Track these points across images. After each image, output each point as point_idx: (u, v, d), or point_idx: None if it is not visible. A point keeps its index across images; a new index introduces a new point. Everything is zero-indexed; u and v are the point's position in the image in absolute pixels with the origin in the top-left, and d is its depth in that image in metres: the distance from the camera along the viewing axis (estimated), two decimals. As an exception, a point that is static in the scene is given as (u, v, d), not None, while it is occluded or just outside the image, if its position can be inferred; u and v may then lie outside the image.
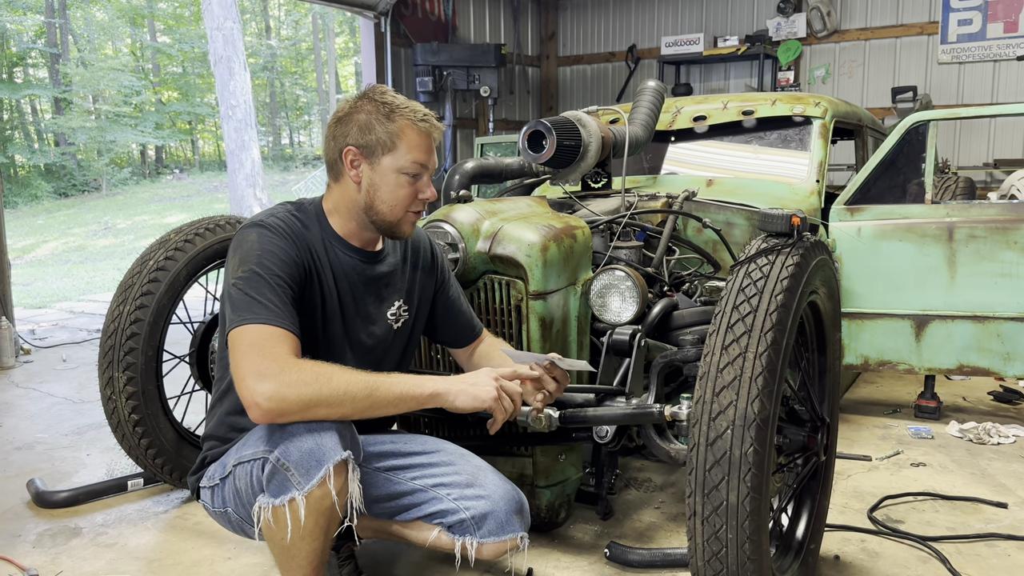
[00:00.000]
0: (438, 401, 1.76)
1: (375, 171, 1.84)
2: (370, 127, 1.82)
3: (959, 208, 3.35)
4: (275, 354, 1.63)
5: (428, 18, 7.91)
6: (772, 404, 1.64)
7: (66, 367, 5.00)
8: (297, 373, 1.62)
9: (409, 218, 1.89)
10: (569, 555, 2.42)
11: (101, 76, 22.86)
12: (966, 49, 7.29)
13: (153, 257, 2.71)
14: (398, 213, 1.87)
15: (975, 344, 3.32)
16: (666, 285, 2.64)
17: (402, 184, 1.84)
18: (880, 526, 2.61)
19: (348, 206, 1.89)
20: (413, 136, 1.82)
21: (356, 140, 1.83)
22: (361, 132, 1.82)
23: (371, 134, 1.82)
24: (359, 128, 1.82)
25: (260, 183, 14.96)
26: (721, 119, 3.78)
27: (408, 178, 1.84)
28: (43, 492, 2.86)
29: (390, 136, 1.81)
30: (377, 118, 1.82)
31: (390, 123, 1.81)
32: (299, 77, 30.08)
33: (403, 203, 1.86)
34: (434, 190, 1.89)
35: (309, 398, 1.61)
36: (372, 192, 1.85)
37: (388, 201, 1.85)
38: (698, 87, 8.73)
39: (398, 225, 1.89)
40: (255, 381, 1.60)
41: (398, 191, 1.84)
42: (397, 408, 1.73)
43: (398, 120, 1.82)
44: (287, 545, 1.69)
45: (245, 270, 1.73)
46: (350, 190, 1.87)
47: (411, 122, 1.82)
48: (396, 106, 1.83)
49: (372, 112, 1.82)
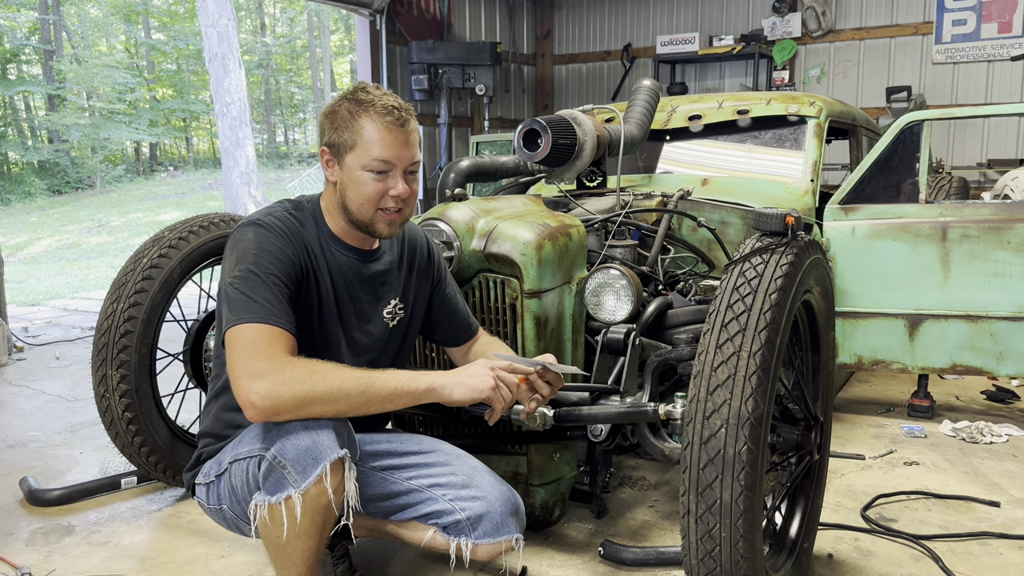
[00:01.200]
0: (434, 396, 1.76)
1: (343, 170, 1.83)
2: (337, 126, 1.81)
3: (953, 208, 3.37)
4: (269, 353, 1.63)
5: (424, 16, 7.90)
6: (766, 403, 1.64)
7: (59, 365, 4.98)
8: (291, 371, 1.62)
9: (381, 216, 1.84)
10: (563, 553, 2.43)
11: (95, 73, 22.79)
12: (960, 49, 7.31)
13: (147, 255, 2.70)
14: (367, 212, 1.83)
15: (968, 343, 3.33)
16: (661, 284, 2.64)
17: (366, 182, 1.80)
18: (873, 525, 2.61)
19: (335, 205, 1.89)
20: (375, 132, 1.78)
21: (328, 139, 1.83)
22: (332, 131, 1.82)
23: (337, 133, 1.81)
24: (331, 127, 1.82)
25: (255, 181, 14.92)
26: (716, 118, 3.78)
27: (372, 175, 1.80)
28: (36, 490, 2.85)
29: (351, 134, 1.80)
30: (343, 116, 1.81)
31: (353, 121, 1.79)
32: (294, 75, 30.03)
33: (370, 201, 1.82)
34: (406, 186, 1.83)
35: (303, 396, 1.62)
36: (343, 191, 1.84)
37: (355, 200, 1.83)
38: (693, 86, 8.74)
39: (371, 224, 1.85)
40: (249, 380, 1.60)
41: (363, 188, 1.81)
42: (393, 404, 1.72)
43: (361, 117, 1.79)
44: (283, 543, 1.69)
45: (241, 269, 1.73)
46: (331, 189, 1.89)
47: (373, 118, 1.78)
48: (363, 102, 1.80)
49: (342, 111, 1.81)
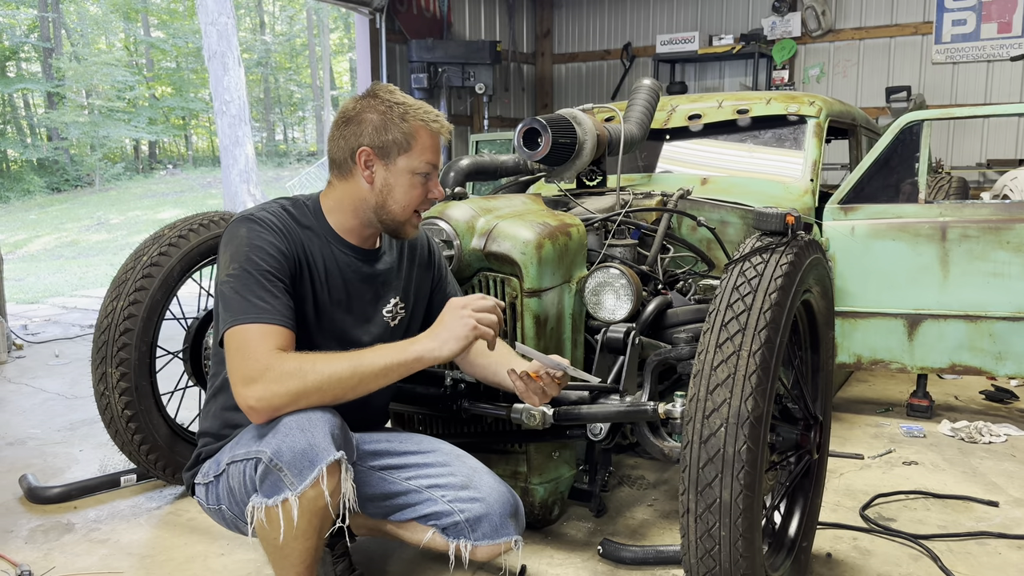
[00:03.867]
0: (426, 361, 1.76)
1: (390, 171, 1.86)
2: (385, 128, 1.83)
3: (952, 208, 3.37)
4: (258, 354, 1.64)
5: (423, 14, 7.89)
6: (765, 402, 1.64)
7: (59, 363, 4.98)
8: (280, 367, 1.64)
9: (414, 219, 1.92)
10: (562, 552, 2.43)
11: (94, 71, 22.76)
12: (960, 49, 7.31)
13: (147, 253, 2.70)
14: (407, 212, 1.90)
15: (967, 343, 3.34)
16: (660, 283, 2.64)
17: (415, 184, 1.87)
18: (872, 524, 2.62)
19: (354, 204, 1.89)
20: (426, 137, 1.86)
21: (371, 141, 1.84)
22: (376, 133, 1.84)
23: (386, 135, 1.84)
24: (374, 129, 1.84)
25: (254, 179, 14.93)
26: (716, 118, 3.78)
27: (421, 178, 1.87)
28: (35, 488, 2.85)
29: (405, 137, 1.84)
30: (391, 119, 1.84)
31: (404, 124, 1.84)
32: (293, 73, 30.00)
33: (414, 203, 1.89)
34: (441, 189, 1.93)
35: (297, 389, 1.64)
36: (386, 192, 1.87)
37: (401, 201, 1.87)
38: (693, 86, 8.74)
39: (404, 225, 1.91)
40: (245, 387, 1.63)
41: (411, 192, 1.87)
42: (387, 378, 1.73)
43: (412, 121, 1.84)
44: (280, 544, 1.69)
45: (235, 267, 1.74)
46: (360, 190, 1.88)
47: (424, 123, 1.86)
48: (409, 106, 1.86)
49: (385, 112, 1.84)
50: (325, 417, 1.70)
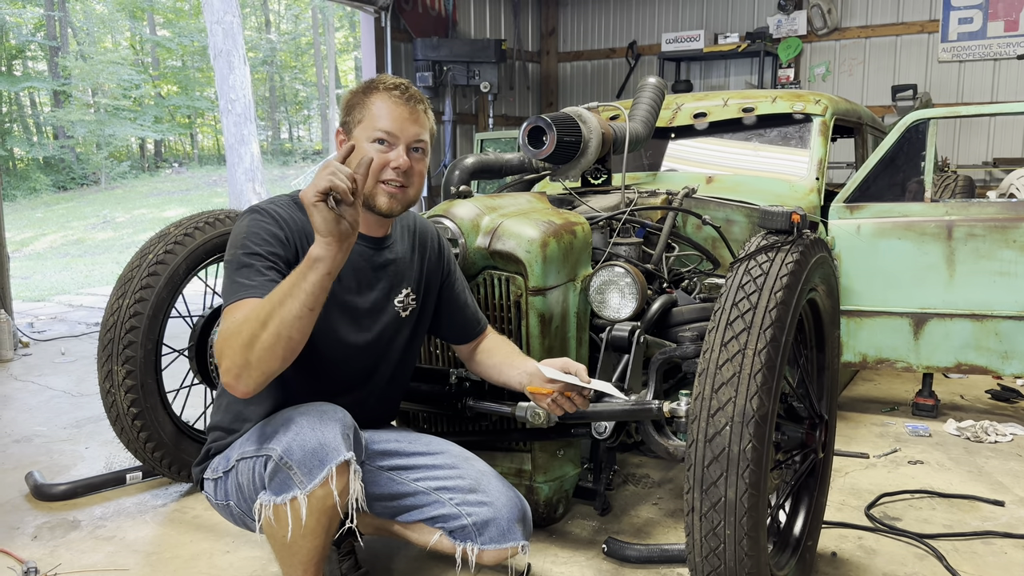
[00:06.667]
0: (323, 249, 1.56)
1: (355, 145, 1.84)
2: (350, 105, 1.88)
3: (958, 206, 3.36)
4: (221, 330, 1.64)
5: (428, 13, 7.89)
6: (771, 401, 1.64)
7: (65, 360, 5.00)
8: (224, 334, 1.61)
9: (382, 189, 1.85)
10: (567, 551, 2.43)
11: (100, 69, 22.79)
12: (966, 47, 7.29)
13: (152, 251, 2.71)
14: (369, 184, 1.83)
15: (973, 342, 3.33)
16: (665, 282, 2.64)
17: (373, 153, 1.81)
18: (877, 523, 2.61)
19: None
20: (382, 105, 1.84)
21: (341, 119, 1.90)
22: (344, 112, 1.89)
23: (351, 111, 1.88)
24: (344, 108, 1.90)
25: (259, 178, 14.93)
26: (721, 116, 3.78)
27: (377, 147, 1.83)
28: (42, 485, 2.86)
29: (362, 108, 1.86)
30: (356, 94, 1.88)
31: (364, 97, 1.87)
32: (299, 72, 30.00)
33: (375, 172, 1.82)
34: (406, 159, 1.84)
35: (238, 344, 1.57)
36: (350, 165, 1.84)
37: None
38: (698, 84, 8.72)
39: (373, 198, 1.85)
40: (220, 367, 1.62)
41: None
42: (309, 293, 1.57)
43: (371, 94, 1.86)
44: (288, 543, 1.69)
45: (231, 254, 1.76)
46: None
47: (381, 93, 1.85)
48: (373, 81, 1.88)
49: (354, 92, 1.90)
50: (337, 416, 1.70)
